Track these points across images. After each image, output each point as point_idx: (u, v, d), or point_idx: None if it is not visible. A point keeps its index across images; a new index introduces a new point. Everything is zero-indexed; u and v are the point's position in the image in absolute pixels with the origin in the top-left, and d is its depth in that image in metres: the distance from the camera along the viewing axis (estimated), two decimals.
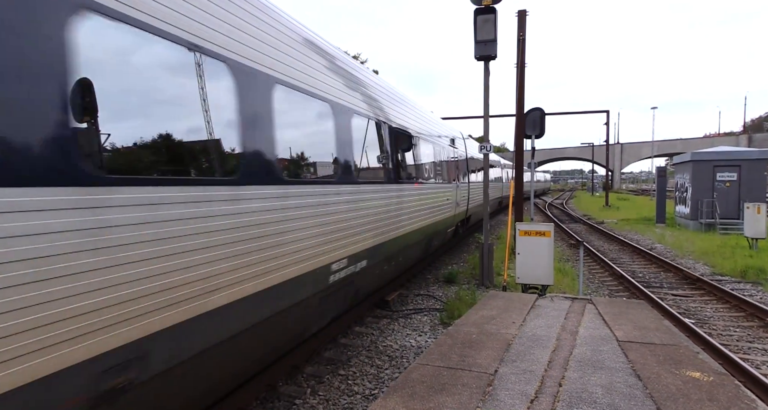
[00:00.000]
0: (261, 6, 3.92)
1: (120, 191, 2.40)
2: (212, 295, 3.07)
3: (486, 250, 9.42)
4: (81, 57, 2.26)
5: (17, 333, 1.94)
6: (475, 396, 3.44)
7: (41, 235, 2.02)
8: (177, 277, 2.75)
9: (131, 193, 2.47)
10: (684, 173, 19.67)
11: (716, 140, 66.45)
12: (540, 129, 12.49)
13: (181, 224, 2.78)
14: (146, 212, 2.55)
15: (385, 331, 6.86)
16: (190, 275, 2.85)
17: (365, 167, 5.73)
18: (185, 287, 2.83)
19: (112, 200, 2.35)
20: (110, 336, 2.37)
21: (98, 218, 2.28)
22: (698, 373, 3.80)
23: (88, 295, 2.23)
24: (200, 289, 2.95)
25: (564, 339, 4.75)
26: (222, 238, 3.12)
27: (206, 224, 2.97)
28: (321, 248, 4.47)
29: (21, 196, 1.96)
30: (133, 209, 2.46)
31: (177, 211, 2.76)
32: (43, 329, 2.04)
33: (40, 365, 2.05)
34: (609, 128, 36.92)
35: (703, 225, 17.77)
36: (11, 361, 1.93)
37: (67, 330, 2.15)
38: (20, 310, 1.95)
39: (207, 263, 2.98)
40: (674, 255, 13.36)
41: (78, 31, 2.25)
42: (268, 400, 4.75)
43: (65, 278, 2.13)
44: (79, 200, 2.19)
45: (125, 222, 2.42)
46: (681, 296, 9.14)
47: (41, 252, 2.02)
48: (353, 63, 5.96)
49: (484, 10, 8.95)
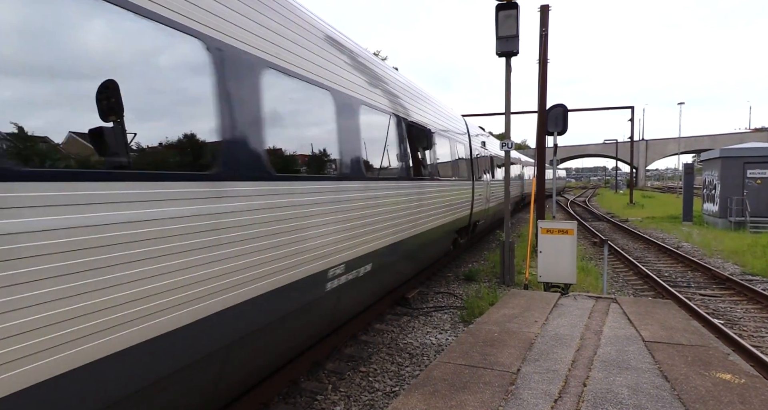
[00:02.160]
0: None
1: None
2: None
3: (507, 248, 9.32)
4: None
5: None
6: (498, 395, 3.41)
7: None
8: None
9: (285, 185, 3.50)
10: (712, 169, 19.15)
11: (746, 136, 64.49)
12: (562, 126, 12.29)
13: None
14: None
15: (406, 328, 6.86)
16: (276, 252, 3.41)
17: (387, 165, 5.74)
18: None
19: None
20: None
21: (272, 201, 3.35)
22: (729, 375, 3.69)
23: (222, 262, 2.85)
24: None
25: (588, 339, 4.67)
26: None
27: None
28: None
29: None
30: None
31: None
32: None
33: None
34: (633, 124, 36.16)
35: (732, 224, 17.28)
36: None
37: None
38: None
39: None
40: (702, 254, 13.01)
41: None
42: (290, 395, 4.79)
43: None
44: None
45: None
46: (709, 296, 8.90)
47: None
48: (373, 59, 5.89)
49: (506, 6, 8.84)
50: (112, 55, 2.27)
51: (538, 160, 14.20)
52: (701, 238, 15.49)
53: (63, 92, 2.04)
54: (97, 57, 2.20)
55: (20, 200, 1.84)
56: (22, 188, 1.85)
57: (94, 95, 2.17)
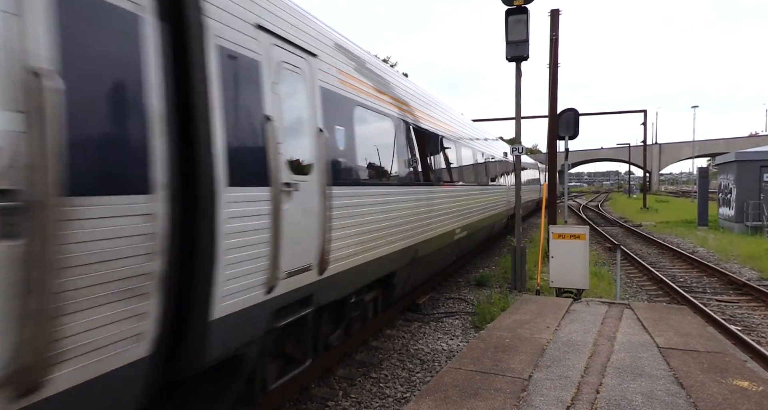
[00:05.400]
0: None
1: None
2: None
3: (518, 253, 9.26)
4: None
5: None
6: (509, 402, 3.38)
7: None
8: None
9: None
10: (728, 173, 18.88)
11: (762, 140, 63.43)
12: (574, 130, 12.22)
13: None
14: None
15: (417, 334, 6.83)
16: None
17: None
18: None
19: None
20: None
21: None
22: (746, 383, 3.62)
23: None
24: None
25: (601, 345, 4.62)
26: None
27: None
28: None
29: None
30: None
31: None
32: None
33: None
34: (647, 128, 35.81)
35: (749, 228, 17.00)
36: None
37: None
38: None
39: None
40: (718, 259, 12.80)
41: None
42: (300, 401, 4.79)
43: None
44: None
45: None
46: (726, 302, 8.74)
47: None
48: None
49: (516, 11, 8.84)
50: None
51: (549, 164, 14.16)
52: (717, 243, 15.24)
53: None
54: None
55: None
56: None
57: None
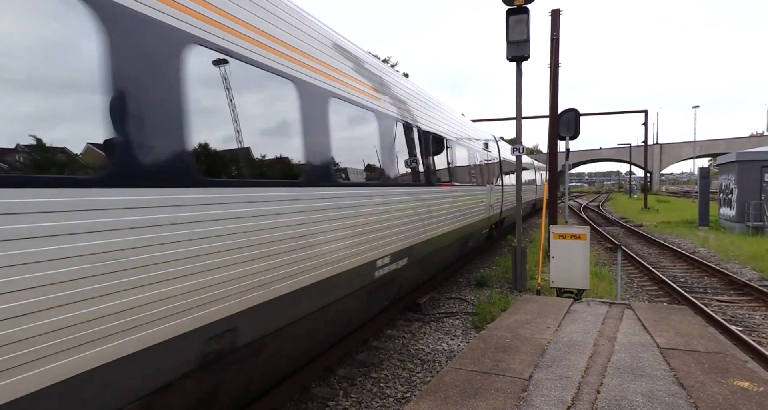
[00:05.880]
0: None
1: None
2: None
3: (519, 253, 9.25)
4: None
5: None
6: (510, 402, 3.38)
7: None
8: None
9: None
10: (729, 173, 18.85)
11: (763, 140, 63.35)
12: (575, 130, 12.19)
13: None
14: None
15: (417, 334, 6.83)
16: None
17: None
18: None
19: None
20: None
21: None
22: (747, 383, 3.62)
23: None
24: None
25: (601, 345, 4.62)
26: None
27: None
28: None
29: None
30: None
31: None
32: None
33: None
34: (647, 128, 35.78)
35: (750, 228, 16.97)
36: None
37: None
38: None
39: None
40: (719, 259, 12.78)
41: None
42: (301, 401, 4.80)
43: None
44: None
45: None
46: (727, 303, 8.73)
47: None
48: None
49: (516, 11, 8.83)
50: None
51: (549, 165, 14.14)
52: (718, 243, 15.22)
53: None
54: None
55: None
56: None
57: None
